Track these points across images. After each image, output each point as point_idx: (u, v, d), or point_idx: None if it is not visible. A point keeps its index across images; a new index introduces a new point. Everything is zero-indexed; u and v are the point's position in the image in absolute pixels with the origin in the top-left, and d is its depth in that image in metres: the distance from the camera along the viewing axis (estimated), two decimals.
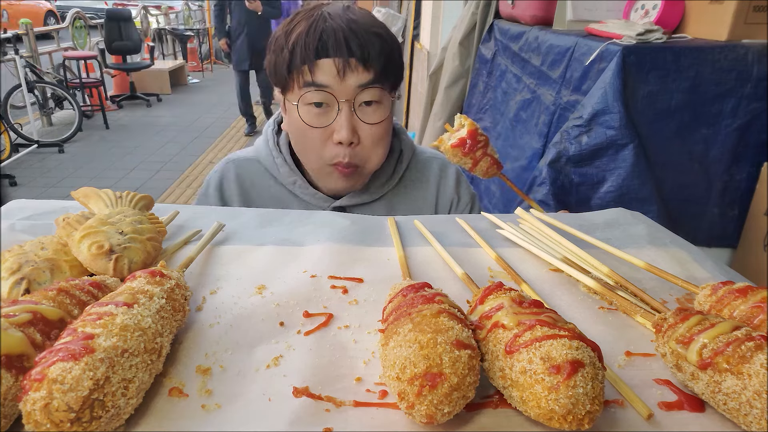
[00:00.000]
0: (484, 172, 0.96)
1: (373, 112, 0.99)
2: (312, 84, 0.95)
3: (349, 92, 0.96)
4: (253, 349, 0.54)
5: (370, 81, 0.96)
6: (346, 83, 0.95)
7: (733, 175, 1.60)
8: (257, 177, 1.14)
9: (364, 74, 0.95)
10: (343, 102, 0.96)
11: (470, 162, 0.95)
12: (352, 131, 0.97)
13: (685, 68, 1.49)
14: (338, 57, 0.93)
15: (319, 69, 0.94)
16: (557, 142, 1.63)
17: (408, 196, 1.16)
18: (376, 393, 0.49)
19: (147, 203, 0.78)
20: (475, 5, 2.62)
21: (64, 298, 0.51)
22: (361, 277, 0.69)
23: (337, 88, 0.95)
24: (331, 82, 0.95)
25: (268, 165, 1.13)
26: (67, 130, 6.26)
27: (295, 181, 1.11)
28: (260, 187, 1.14)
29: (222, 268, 0.71)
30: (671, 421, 0.46)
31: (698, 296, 0.60)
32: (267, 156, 1.13)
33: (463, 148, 0.93)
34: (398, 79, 1.04)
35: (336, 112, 0.97)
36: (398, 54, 1.02)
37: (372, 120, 0.99)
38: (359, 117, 0.98)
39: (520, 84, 2.11)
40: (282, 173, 1.11)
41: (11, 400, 0.42)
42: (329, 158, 1.01)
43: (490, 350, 0.47)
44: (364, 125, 0.99)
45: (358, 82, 0.95)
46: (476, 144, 0.93)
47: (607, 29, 1.64)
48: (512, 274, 0.70)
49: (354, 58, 0.94)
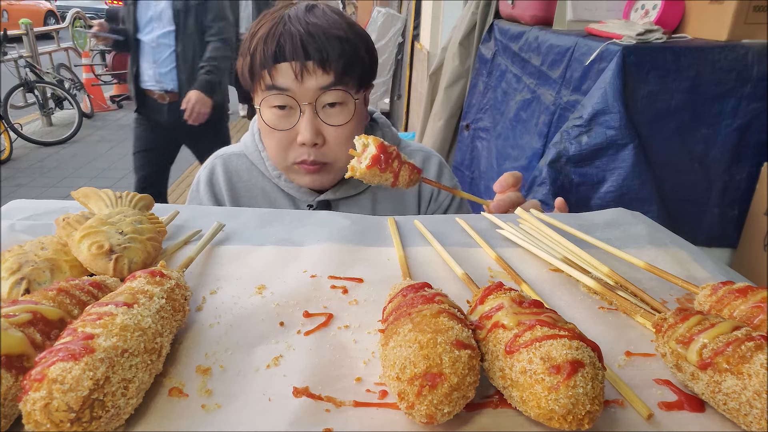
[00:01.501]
0: (407, 181, 0.92)
1: (338, 113, 1.01)
2: (273, 87, 0.97)
3: (309, 95, 0.97)
4: (253, 349, 0.54)
5: (331, 83, 0.97)
6: (305, 86, 0.96)
7: (733, 175, 1.60)
8: (245, 171, 1.16)
9: (323, 77, 0.97)
10: (305, 105, 0.98)
11: (391, 177, 0.91)
12: (315, 133, 0.99)
13: (685, 68, 1.49)
14: (295, 61, 0.95)
15: (278, 72, 0.96)
16: (557, 142, 1.63)
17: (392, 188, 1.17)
18: (376, 393, 0.49)
19: (147, 203, 0.78)
20: (475, 5, 2.62)
21: (64, 298, 0.51)
22: (361, 277, 0.69)
23: (298, 91, 0.97)
24: (291, 85, 0.96)
25: (255, 159, 1.15)
26: (67, 130, 6.26)
27: (280, 174, 1.13)
28: (248, 181, 1.16)
29: (222, 268, 0.71)
30: (671, 421, 0.46)
31: (698, 296, 0.60)
32: (253, 151, 1.15)
33: (380, 165, 0.90)
34: (366, 78, 1.04)
35: (299, 114, 0.99)
36: (365, 52, 1.02)
37: (336, 122, 1.01)
38: (322, 119, 1.00)
39: (520, 84, 2.11)
40: (267, 167, 1.13)
41: (11, 400, 0.42)
42: (294, 158, 1.04)
43: (490, 350, 0.47)
44: (328, 127, 1.01)
45: (318, 84, 0.97)
46: (390, 156, 0.91)
47: (607, 29, 1.64)
48: (512, 274, 0.70)
49: (311, 62, 0.95)
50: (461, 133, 2.79)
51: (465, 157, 2.71)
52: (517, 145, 2.07)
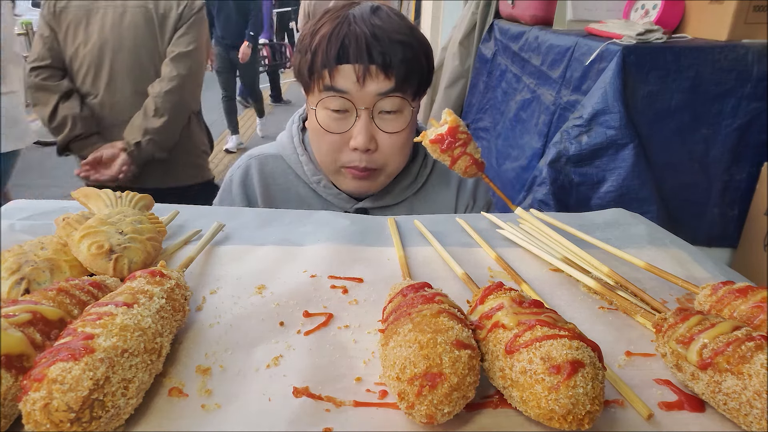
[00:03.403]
0: (463, 171, 0.94)
1: (393, 120, 0.97)
2: (331, 88, 0.94)
3: (368, 99, 0.94)
4: (253, 349, 0.54)
5: (390, 89, 0.94)
6: (365, 90, 0.93)
7: (733, 175, 1.60)
8: (280, 174, 1.12)
9: (384, 82, 0.93)
10: (362, 109, 0.95)
11: (449, 159, 0.94)
12: (369, 139, 0.96)
13: (685, 68, 1.49)
14: (359, 63, 0.92)
15: (339, 74, 0.93)
16: (557, 142, 1.63)
17: (429, 200, 1.14)
18: (376, 393, 0.49)
19: (147, 203, 0.78)
20: (475, 5, 2.63)
21: (64, 298, 0.51)
22: (361, 277, 0.69)
23: (356, 95, 0.94)
24: (351, 88, 0.93)
25: (292, 162, 1.10)
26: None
27: (320, 180, 1.09)
28: (283, 184, 1.11)
29: (222, 268, 0.71)
30: (671, 421, 0.46)
31: (698, 296, 0.60)
32: (291, 153, 1.11)
33: (441, 145, 0.92)
34: (424, 85, 1.01)
35: (354, 118, 0.96)
36: (426, 58, 0.99)
37: (391, 129, 0.97)
38: (378, 125, 0.97)
39: (520, 84, 2.11)
40: (306, 171, 1.09)
41: (11, 400, 0.42)
42: (345, 162, 1.00)
43: (490, 350, 0.47)
44: (382, 133, 0.97)
45: (378, 90, 0.93)
46: (455, 141, 0.91)
47: (607, 29, 1.64)
48: (512, 274, 0.70)
49: (375, 65, 0.92)
50: None
51: None
52: (517, 145, 2.07)
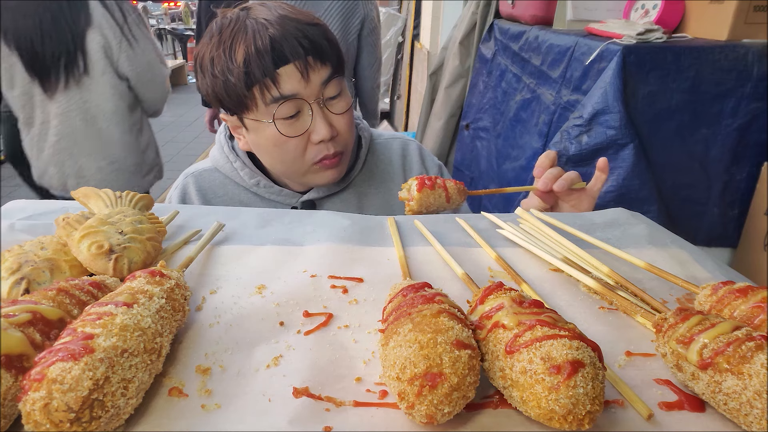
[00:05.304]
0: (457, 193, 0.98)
1: (339, 101, 1.00)
2: (281, 97, 0.93)
3: (315, 91, 0.96)
4: (252, 349, 0.54)
5: (330, 74, 0.96)
6: (311, 84, 0.95)
7: (733, 175, 1.60)
8: (219, 186, 1.13)
9: (323, 69, 0.96)
10: (313, 103, 0.96)
11: (443, 192, 0.96)
12: (330, 126, 0.98)
13: (685, 68, 1.48)
14: (297, 60, 0.92)
15: (282, 79, 0.93)
16: (557, 142, 1.63)
17: (375, 179, 1.16)
18: (376, 393, 0.49)
19: (147, 203, 0.78)
20: (475, 5, 2.62)
21: (63, 298, 0.51)
22: (361, 277, 0.69)
23: (305, 92, 0.95)
24: (297, 87, 0.94)
25: (228, 172, 1.11)
26: None
27: (258, 181, 1.10)
28: (224, 195, 1.12)
29: (222, 268, 0.71)
30: (671, 421, 0.46)
31: (698, 296, 0.60)
32: (225, 163, 1.11)
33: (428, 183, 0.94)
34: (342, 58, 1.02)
35: (308, 115, 0.97)
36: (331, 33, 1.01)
37: (340, 110, 1.00)
38: (330, 111, 0.99)
39: (520, 84, 2.11)
40: (243, 176, 1.10)
41: (11, 400, 0.42)
42: (312, 158, 1.01)
43: (490, 350, 0.47)
44: (336, 117, 1.00)
45: (321, 79, 0.95)
46: (433, 179, 0.95)
47: (607, 29, 1.64)
48: (512, 274, 0.70)
49: (311, 56, 0.93)
50: (461, 132, 2.79)
51: (465, 156, 2.71)
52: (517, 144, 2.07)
